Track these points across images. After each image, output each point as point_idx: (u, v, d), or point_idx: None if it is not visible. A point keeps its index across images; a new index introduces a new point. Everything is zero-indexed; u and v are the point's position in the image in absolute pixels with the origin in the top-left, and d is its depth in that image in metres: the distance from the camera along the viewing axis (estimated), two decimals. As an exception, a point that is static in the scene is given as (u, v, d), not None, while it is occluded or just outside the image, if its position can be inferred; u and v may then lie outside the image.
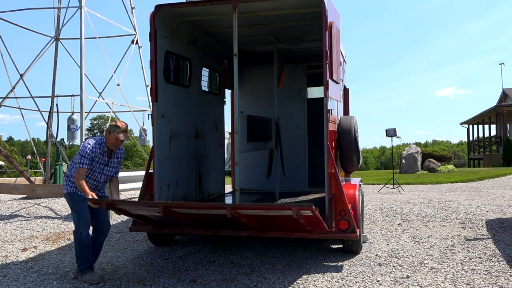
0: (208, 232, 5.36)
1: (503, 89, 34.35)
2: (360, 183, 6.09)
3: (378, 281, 4.70)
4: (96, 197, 4.71)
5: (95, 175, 4.88)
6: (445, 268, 5.07)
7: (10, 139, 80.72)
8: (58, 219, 8.81)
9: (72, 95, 11.51)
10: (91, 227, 5.03)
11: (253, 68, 8.84)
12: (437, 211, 8.66)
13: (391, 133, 12.99)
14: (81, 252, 4.83)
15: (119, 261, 5.70)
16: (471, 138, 37.80)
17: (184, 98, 6.51)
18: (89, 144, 4.83)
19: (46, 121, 12.60)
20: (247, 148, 6.07)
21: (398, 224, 7.62)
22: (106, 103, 11.92)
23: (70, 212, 9.51)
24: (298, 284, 4.65)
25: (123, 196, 11.41)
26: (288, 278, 4.84)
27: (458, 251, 5.79)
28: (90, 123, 59.44)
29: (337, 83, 5.78)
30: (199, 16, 6.18)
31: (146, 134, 15.33)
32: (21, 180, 12.39)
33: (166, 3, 5.61)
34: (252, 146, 6.25)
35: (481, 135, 36.31)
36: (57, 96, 12.58)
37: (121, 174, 9.31)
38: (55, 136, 12.61)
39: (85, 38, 9.94)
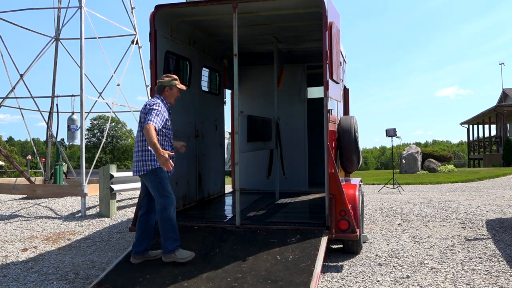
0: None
1: (503, 89, 34.34)
2: (360, 183, 6.09)
3: (378, 281, 4.70)
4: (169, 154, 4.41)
5: (169, 132, 4.73)
6: (445, 268, 5.07)
7: (10, 139, 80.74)
8: (58, 219, 8.81)
9: (72, 95, 11.46)
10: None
11: (253, 68, 8.84)
12: (437, 211, 8.66)
13: (391, 133, 13.00)
14: (170, 231, 4.52)
15: (119, 261, 5.69)
16: (471, 138, 37.82)
17: (184, 98, 6.51)
18: (159, 104, 4.57)
19: (46, 121, 12.57)
20: (247, 148, 6.07)
21: (398, 224, 7.62)
22: (106, 103, 11.89)
23: (69, 212, 9.51)
24: (298, 284, 4.64)
25: (122, 196, 11.41)
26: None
27: (458, 251, 5.79)
28: (90, 123, 59.43)
29: (337, 83, 5.77)
30: (199, 16, 6.18)
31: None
32: (21, 180, 12.39)
33: (166, 3, 5.61)
34: (252, 146, 6.25)
35: (481, 135, 36.34)
36: (57, 96, 12.54)
37: (121, 174, 9.38)
38: (55, 136, 12.59)
39: (85, 38, 9.90)
